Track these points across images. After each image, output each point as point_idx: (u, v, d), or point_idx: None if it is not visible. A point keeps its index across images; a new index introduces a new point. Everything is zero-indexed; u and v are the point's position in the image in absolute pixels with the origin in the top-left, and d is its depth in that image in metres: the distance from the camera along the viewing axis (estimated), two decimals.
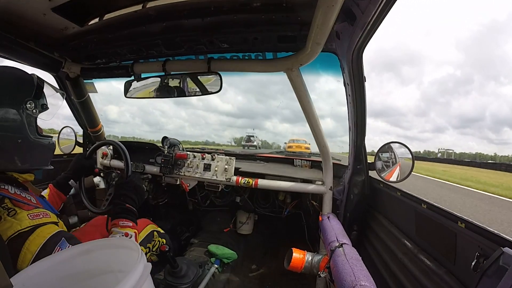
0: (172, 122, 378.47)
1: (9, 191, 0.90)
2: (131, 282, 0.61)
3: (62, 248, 0.88)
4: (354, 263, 0.99)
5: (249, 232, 2.47)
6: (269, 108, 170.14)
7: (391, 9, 0.82)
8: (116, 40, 1.44)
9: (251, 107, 34.44)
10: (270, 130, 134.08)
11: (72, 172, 1.52)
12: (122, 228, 1.14)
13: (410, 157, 1.43)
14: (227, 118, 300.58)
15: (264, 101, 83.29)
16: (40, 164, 1.04)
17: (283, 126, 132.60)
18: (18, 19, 1.19)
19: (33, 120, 0.98)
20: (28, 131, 0.95)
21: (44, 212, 0.94)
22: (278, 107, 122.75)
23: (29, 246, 0.83)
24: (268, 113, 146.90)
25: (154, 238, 1.62)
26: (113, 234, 1.13)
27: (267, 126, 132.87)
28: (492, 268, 0.69)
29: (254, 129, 22.55)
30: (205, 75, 1.48)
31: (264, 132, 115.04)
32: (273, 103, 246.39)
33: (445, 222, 0.95)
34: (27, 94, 0.95)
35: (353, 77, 1.26)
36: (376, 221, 1.56)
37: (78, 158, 1.58)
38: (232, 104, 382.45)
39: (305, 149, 17.65)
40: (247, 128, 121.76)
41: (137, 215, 1.25)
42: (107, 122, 2.56)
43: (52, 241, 0.87)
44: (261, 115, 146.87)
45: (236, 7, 1.10)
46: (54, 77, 1.84)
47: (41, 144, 1.01)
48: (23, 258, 0.82)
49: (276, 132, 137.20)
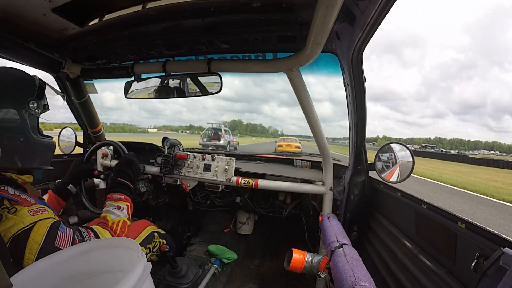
0: (169, 108, 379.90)
1: (9, 192, 0.91)
2: (131, 282, 0.62)
3: (62, 231, 0.94)
4: (354, 264, 0.99)
5: (249, 232, 2.47)
6: (266, 91, 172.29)
7: (391, 9, 0.82)
8: (116, 40, 1.44)
9: (248, 91, 34.31)
10: (269, 114, 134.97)
11: (71, 177, 1.53)
12: (115, 201, 1.22)
13: (410, 160, 1.44)
14: (225, 102, 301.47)
15: (261, 85, 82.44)
16: (41, 164, 1.05)
17: (281, 110, 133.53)
18: (18, 19, 1.20)
19: (35, 120, 0.99)
20: (30, 131, 0.96)
21: (43, 208, 0.96)
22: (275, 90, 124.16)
23: (34, 237, 0.87)
24: (265, 97, 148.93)
25: (154, 239, 1.64)
26: (106, 207, 1.21)
27: (265, 110, 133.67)
28: (492, 268, 0.69)
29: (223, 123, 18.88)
30: (205, 76, 1.49)
31: (262, 117, 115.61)
32: (271, 86, 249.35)
33: (445, 222, 0.95)
34: (29, 94, 0.97)
35: (353, 77, 1.26)
36: (376, 222, 1.55)
37: (76, 163, 1.60)
38: (229, 88, 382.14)
39: (295, 147, 17.34)
40: (245, 112, 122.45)
41: (131, 188, 1.33)
42: (104, 109, 2.58)
43: (54, 227, 0.93)
44: (259, 99, 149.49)
45: (236, 7, 1.10)
46: (54, 78, 1.84)
47: (42, 144, 1.02)
48: (30, 249, 0.86)
49: (274, 116, 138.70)
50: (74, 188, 1.52)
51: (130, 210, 1.26)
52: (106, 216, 1.17)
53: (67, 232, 0.96)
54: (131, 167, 1.38)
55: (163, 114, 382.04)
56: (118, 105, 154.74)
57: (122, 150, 1.60)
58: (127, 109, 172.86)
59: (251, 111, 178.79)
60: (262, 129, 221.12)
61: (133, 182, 1.36)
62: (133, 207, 1.30)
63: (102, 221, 1.16)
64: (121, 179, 1.31)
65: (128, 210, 1.24)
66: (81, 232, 1.01)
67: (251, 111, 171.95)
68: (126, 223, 1.21)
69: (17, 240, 0.85)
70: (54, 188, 1.48)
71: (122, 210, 1.21)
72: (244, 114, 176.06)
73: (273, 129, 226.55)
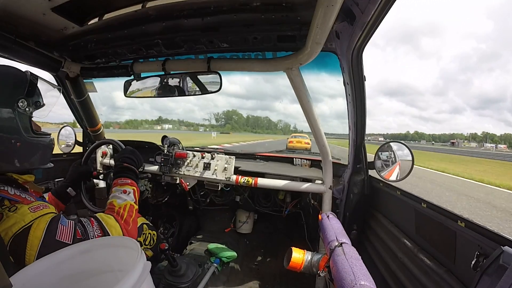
0: (181, 107, 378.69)
1: (9, 192, 0.90)
2: (131, 281, 0.62)
3: (63, 224, 0.92)
4: (353, 263, 0.99)
5: (249, 231, 2.47)
6: (277, 87, 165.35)
7: (391, 8, 0.82)
8: (115, 39, 1.43)
9: (259, 87, 33.71)
10: (281, 111, 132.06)
11: (70, 181, 1.53)
12: (121, 186, 1.21)
13: (410, 159, 1.44)
14: (236, 100, 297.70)
15: (271, 81, 79.12)
16: (39, 163, 1.03)
17: (293, 107, 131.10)
18: (18, 19, 1.19)
19: (27, 119, 0.96)
20: (22, 131, 0.93)
21: (43, 204, 0.95)
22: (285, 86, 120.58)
23: (35, 233, 0.85)
24: (277, 93, 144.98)
25: (144, 231, 1.59)
26: (113, 192, 1.19)
27: (278, 107, 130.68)
28: (492, 267, 0.69)
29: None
30: (205, 75, 1.48)
31: (275, 114, 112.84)
32: (281, 82, 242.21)
33: (445, 221, 0.95)
34: (19, 93, 0.93)
35: (353, 76, 1.26)
36: (376, 220, 1.56)
37: (74, 167, 1.60)
38: (239, 85, 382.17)
39: (305, 144, 18.12)
40: (257, 110, 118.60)
41: (137, 173, 1.33)
42: (115, 108, 2.58)
43: (54, 221, 0.91)
44: (270, 96, 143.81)
45: (235, 6, 1.10)
46: (54, 77, 1.84)
47: (37, 143, 0.99)
48: (31, 245, 0.84)
49: (287, 113, 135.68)
50: (73, 192, 1.52)
51: (137, 194, 1.24)
52: (112, 201, 1.14)
53: (68, 225, 0.93)
54: (134, 155, 1.38)
55: (175, 113, 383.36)
56: (130, 105, 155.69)
57: (120, 146, 1.61)
58: (138, 109, 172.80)
59: (264, 108, 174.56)
60: (268, 123, 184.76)
61: (137, 168, 1.36)
62: (139, 192, 1.28)
63: (109, 207, 1.13)
64: (127, 164, 1.30)
65: (135, 194, 1.22)
66: (82, 223, 0.98)
67: (263, 108, 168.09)
68: (133, 207, 1.17)
69: (18, 239, 0.84)
70: (54, 191, 1.47)
71: (128, 194, 1.18)
72: (256, 111, 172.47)
73: (283, 123, 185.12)
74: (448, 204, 6.57)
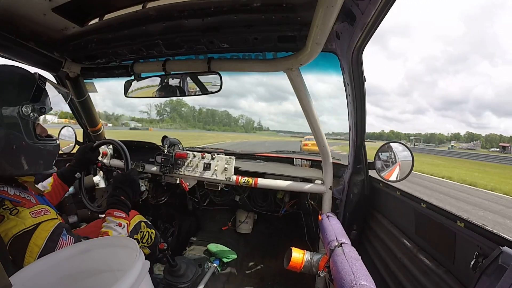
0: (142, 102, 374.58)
1: (8, 192, 0.90)
2: (130, 280, 0.62)
3: (64, 238, 0.94)
4: (353, 263, 0.99)
5: (249, 231, 2.46)
6: (243, 85, 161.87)
7: (391, 9, 0.82)
8: (116, 40, 1.44)
9: (224, 85, 33.02)
10: (246, 109, 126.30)
11: (77, 164, 1.52)
12: (117, 218, 1.21)
13: (410, 159, 1.44)
14: (201, 97, 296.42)
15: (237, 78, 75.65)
16: (42, 168, 1.02)
17: (258, 105, 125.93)
18: (18, 19, 1.19)
19: (30, 124, 0.94)
20: (25, 136, 0.92)
21: (44, 209, 0.95)
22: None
23: (35, 241, 0.87)
24: (243, 91, 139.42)
25: (142, 229, 1.59)
26: (107, 222, 1.19)
27: (242, 105, 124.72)
28: (491, 267, 0.69)
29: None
30: (205, 75, 1.49)
31: (240, 112, 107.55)
32: (248, 79, 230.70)
33: (445, 221, 0.95)
34: (24, 97, 0.92)
35: (353, 77, 1.26)
36: (376, 221, 1.56)
37: (83, 150, 1.56)
38: None
39: None
40: (221, 107, 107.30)
41: (130, 208, 1.32)
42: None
43: (56, 233, 0.92)
44: (236, 94, 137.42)
45: (236, 7, 1.10)
46: (54, 77, 1.84)
47: (40, 148, 0.98)
48: (30, 252, 0.86)
49: (252, 111, 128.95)
50: (80, 175, 1.52)
51: (128, 229, 1.26)
52: (108, 232, 1.15)
53: (69, 240, 0.95)
54: (132, 187, 1.37)
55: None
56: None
57: (127, 163, 1.51)
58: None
59: (229, 106, 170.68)
60: (228, 118, 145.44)
61: (131, 202, 1.36)
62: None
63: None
64: (123, 197, 1.30)
65: (127, 228, 1.24)
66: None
67: (228, 106, 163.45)
68: None
69: (17, 241, 0.85)
70: (59, 173, 1.45)
71: (123, 228, 1.20)
72: (220, 109, 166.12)
73: (245, 119, 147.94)
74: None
